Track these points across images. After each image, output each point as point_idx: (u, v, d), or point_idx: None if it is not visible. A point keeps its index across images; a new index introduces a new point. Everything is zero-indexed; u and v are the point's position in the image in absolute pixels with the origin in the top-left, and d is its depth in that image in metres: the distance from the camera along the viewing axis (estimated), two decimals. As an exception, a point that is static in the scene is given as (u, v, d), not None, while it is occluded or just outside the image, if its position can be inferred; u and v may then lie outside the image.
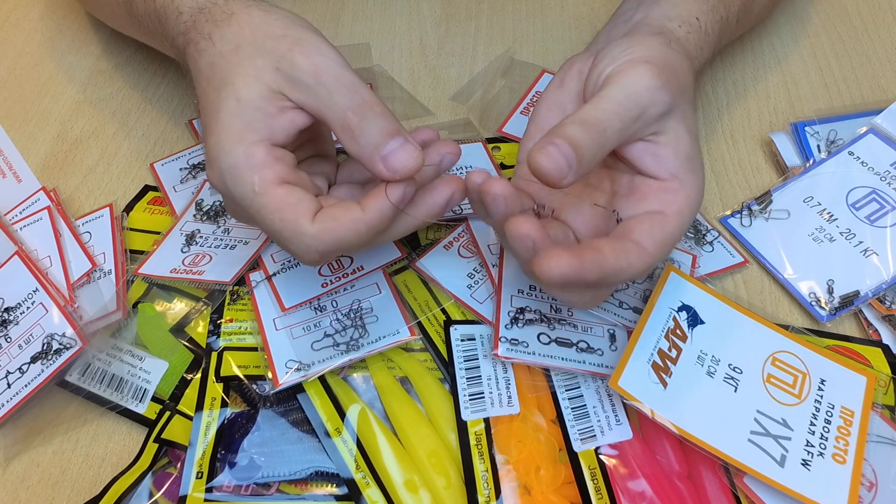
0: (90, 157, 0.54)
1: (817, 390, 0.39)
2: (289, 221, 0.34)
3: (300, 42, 0.36)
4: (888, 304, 0.43)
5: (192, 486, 0.37)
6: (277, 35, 0.37)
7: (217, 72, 0.37)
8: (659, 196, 0.36)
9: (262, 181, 0.35)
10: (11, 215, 0.49)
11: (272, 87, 0.36)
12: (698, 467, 0.38)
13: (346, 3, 0.65)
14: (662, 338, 0.39)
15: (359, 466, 0.38)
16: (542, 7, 0.64)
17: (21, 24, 0.64)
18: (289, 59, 0.36)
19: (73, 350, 0.41)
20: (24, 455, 0.40)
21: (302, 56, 0.36)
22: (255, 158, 0.35)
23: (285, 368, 0.41)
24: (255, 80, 0.36)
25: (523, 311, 0.42)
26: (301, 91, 0.36)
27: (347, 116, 0.35)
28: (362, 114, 0.35)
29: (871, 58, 0.58)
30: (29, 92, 0.58)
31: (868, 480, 0.37)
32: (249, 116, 0.36)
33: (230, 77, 0.36)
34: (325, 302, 0.44)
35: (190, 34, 0.40)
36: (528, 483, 0.37)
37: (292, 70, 0.36)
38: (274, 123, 0.36)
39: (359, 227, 0.34)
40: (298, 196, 0.35)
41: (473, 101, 0.56)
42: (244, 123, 0.35)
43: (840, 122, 0.52)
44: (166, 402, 0.41)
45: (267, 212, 0.35)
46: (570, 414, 0.39)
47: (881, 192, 0.47)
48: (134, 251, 0.47)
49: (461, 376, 0.41)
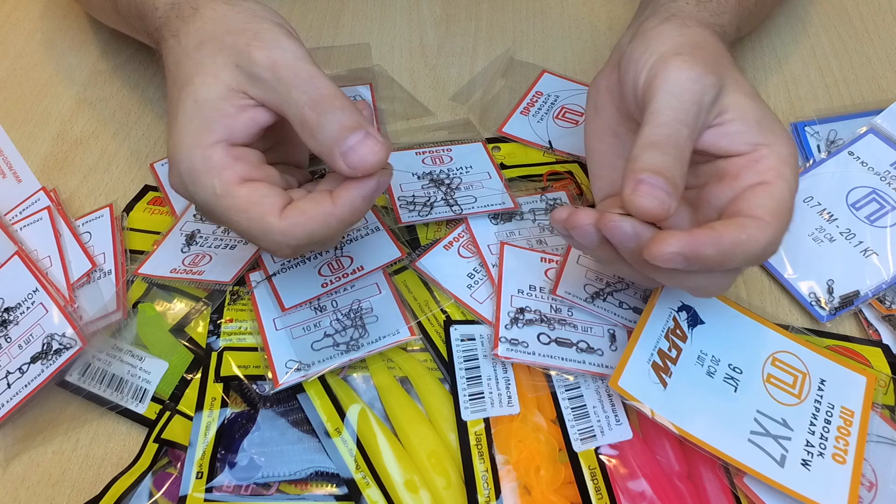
0: (90, 157, 0.54)
1: (817, 390, 0.39)
2: (255, 220, 0.34)
3: (258, 36, 0.35)
4: (888, 304, 0.43)
5: (192, 486, 0.37)
6: (237, 30, 0.36)
7: (181, 70, 0.36)
8: (751, 168, 0.34)
9: (223, 183, 0.34)
10: (11, 215, 0.49)
11: (232, 86, 0.35)
12: (698, 467, 0.38)
13: (346, 3, 0.65)
14: (662, 338, 0.39)
15: (359, 466, 0.38)
16: (542, 7, 0.64)
17: (21, 24, 0.64)
18: (247, 55, 0.35)
19: (73, 350, 0.41)
20: (24, 455, 0.40)
21: (259, 51, 0.35)
22: (213, 161, 0.34)
23: (285, 368, 0.41)
24: (213, 80, 0.35)
25: (523, 311, 0.42)
26: (260, 87, 0.35)
27: (304, 112, 0.34)
28: (320, 108, 0.34)
29: (871, 58, 0.58)
30: (29, 92, 0.58)
31: (868, 480, 0.37)
32: (206, 117, 0.35)
33: (191, 76, 0.36)
34: (325, 302, 0.44)
35: (162, 31, 0.39)
36: (528, 483, 0.37)
37: (250, 66, 0.35)
38: (233, 123, 0.35)
39: (329, 220, 0.34)
40: (263, 192, 0.34)
41: (473, 101, 0.56)
42: (201, 125, 0.35)
43: (840, 122, 0.52)
44: (166, 402, 0.41)
45: (232, 213, 0.34)
46: (570, 414, 0.39)
47: (881, 192, 0.47)
48: (134, 251, 0.47)
49: (461, 376, 0.41)
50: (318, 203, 0.34)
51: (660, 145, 0.33)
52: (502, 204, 0.48)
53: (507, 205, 0.48)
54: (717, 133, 0.35)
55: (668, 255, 0.31)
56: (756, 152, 0.34)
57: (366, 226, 0.47)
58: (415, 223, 0.47)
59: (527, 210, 0.48)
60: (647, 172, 0.32)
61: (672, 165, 0.32)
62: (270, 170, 0.37)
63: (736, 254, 0.32)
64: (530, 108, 0.55)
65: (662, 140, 0.33)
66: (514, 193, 0.49)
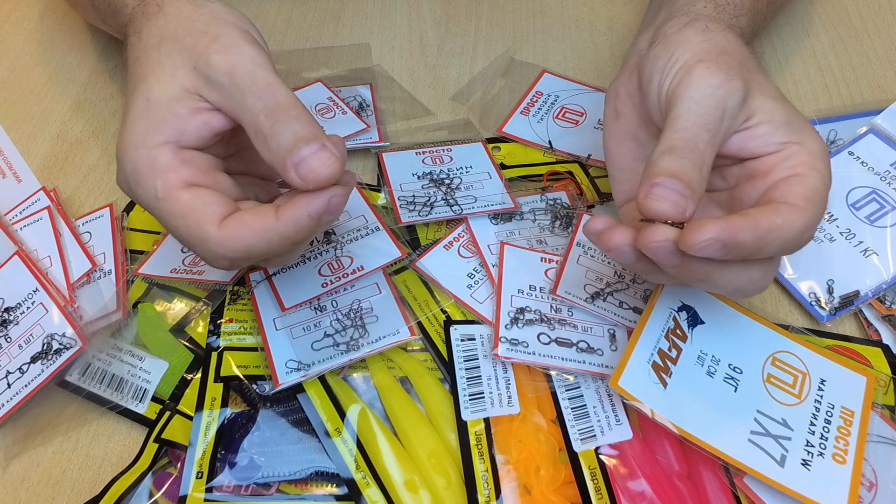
0: (90, 157, 0.54)
1: (817, 390, 0.39)
2: (193, 228, 0.32)
3: (218, 39, 0.34)
4: (888, 304, 0.43)
5: (192, 486, 0.37)
6: (198, 31, 0.35)
7: (138, 68, 0.36)
8: (782, 164, 0.34)
9: (165, 186, 0.33)
10: (11, 215, 0.49)
11: (187, 87, 0.34)
12: (698, 467, 0.38)
13: (346, 3, 0.65)
14: (662, 338, 0.39)
15: (359, 466, 0.38)
16: (542, 7, 0.64)
17: (21, 24, 0.64)
18: (205, 58, 0.34)
19: (73, 350, 0.41)
20: (24, 455, 0.40)
21: (217, 54, 0.34)
22: (158, 162, 0.33)
23: (285, 368, 0.41)
24: (169, 79, 0.34)
25: (523, 311, 0.42)
26: (217, 92, 0.34)
27: (259, 119, 0.32)
28: (275, 117, 0.32)
29: (871, 58, 0.58)
30: (29, 92, 0.58)
31: (868, 480, 0.37)
32: (156, 117, 0.34)
33: (146, 74, 0.35)
34: (325, 302, 0.44)
35: (129, 28, 0.39)
36: (528, 483, 0.37)
37: (208, 69, 0.34)
38: (184, 125, 0.34)
39: (270, 236, 0.32)
40: (204, 200, 0.33)
41: (473, 101, 0.56)
42: (150, 125, 0.34)
43: (840, 122, 0.52)
44: (166, 402, 0.41)
45: (171, 217, 0.33)
46: (570, 414, 0.39)
47: (881, 192, 0.47)
48: (134, 251, 0.47)
49: (461, 376, 0.41)
50: (260, 216, 0.32)
51: (678, 150, 0.33)
52: (502, 204, 0.48)
53: (507, 205, 0.48)
54: (745, 137, 0.35)
55: (704, 243, 0.30)
56: (786, 149, 0.34)
57: (366, 226, 0.47)
58: (415, 223, 0.47)
59: (527, 210, 0.48)
60: (663, 176, 0.32)
61: (689, 168, 0.32)
62: (221, 177, 0.35)
63: (772, 238, 0.31)
64: (530, 108, 0.55)
65: (681, 144, 0.33)
66: (514, 193, 0.49)
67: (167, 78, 0.34)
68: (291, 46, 0.60)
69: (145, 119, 0.34)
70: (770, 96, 0.35)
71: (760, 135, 0.35)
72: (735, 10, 0.41)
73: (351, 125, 0.53)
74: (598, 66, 0.59)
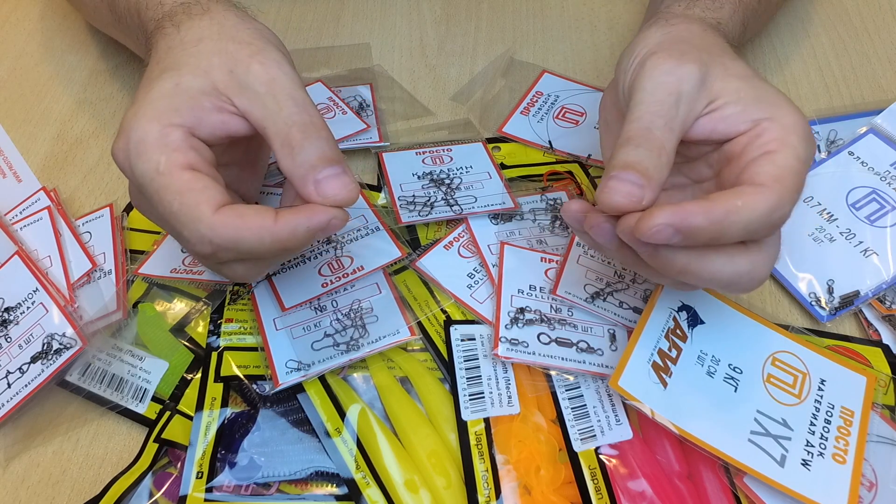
0: (90, 157, 0.54)
1: (817, 390, 0.39)
2: (188, 205, 0.32)
3: (262, 52, 0.35)
4: (888, 304, 0.43)
5: (192, 486, 0.37)
6: (243, 41, 0.36)
7: (170, 56, 0.36)
8: (753, 143, 0.33)
9: (170, 161, 0.33)
10: (11, 215, 0.49)
11: (218, 87, 0.35)
12: (698, 467, 0.38)
13: (346, 3, 0.65)
14: (662, 338, 0.39)
15: (359, 466, 0.38)
16: (542, 7, 0.64)
17: (21, 24, 0.64)
18: (245, 65, 0.35)
19: (73, 350, 0.41)
20: (24, 455, 0.40)
21: (260, 65, 0.35)
22: (169, 139, 0.33)
23: (285, 368, 0.41)
24: (203, 74, 0.35)
25: (523, 311, 0.42)
26: (249, 98, 0.35)
27: (292, 132, 0.34)
28: (307, 132, 0.34)
29: (871, 58, 0.58)
30: (29, 92, 0.58)
31: (868, 480, 0.37)
32: (180, 101, 0.34)
33: (181, 64, 0.35)
34: (325, 302, 0.44)
35: (163, 21, 0.39)
36: (528, 483, 0.37)
37: (246, 76, 0.35)
38: (204, 116, 0.34)
39: (263, 235, 0.32)
40: (205, 184, 0.33)
41: (473, 101, 0.56)
42: (171, 105, 0.34)
43: (840, 122, 0.52)
44: (166, 402, 0.41)
45: (166, 192, 0.32)
46: (570, 414, 0.39)
47: (881, 192, 0.47)
48: (134, 251, 0.47)
49: (461, 376, 0.41)
50: (259, 214, 0.33)
51: (632, 140, 0.33)
52: (502, 204, 0.48)
53: (507, 205, 0.48)
54: (714, 119, 0.35)
55: (656, 228, 0.30)
56: (758, 127, 0.34)
57: (366, 226, 0.47)
58: (415, 223, 0.47)
59: (527, 210, 0.48)
60: (616, 168, 0.32)
61: (645, 157, 0.32)
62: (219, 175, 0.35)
63: (732, 221, 0.30)
64: (530, 108, 0.55)
65: (635, 134, 0.33)
66: (514, 193, 0.49)
67: (202, 73, 0.35)
68: (291, 46, 0.60)
69: (169, 99, 0.34)
70: (736, 76, 0.35)
71: (729, 115, 0.34)
72: (711, 3, 0.42)
73: (351, 125, 0.53)
74: (598, 66, 0.59)
